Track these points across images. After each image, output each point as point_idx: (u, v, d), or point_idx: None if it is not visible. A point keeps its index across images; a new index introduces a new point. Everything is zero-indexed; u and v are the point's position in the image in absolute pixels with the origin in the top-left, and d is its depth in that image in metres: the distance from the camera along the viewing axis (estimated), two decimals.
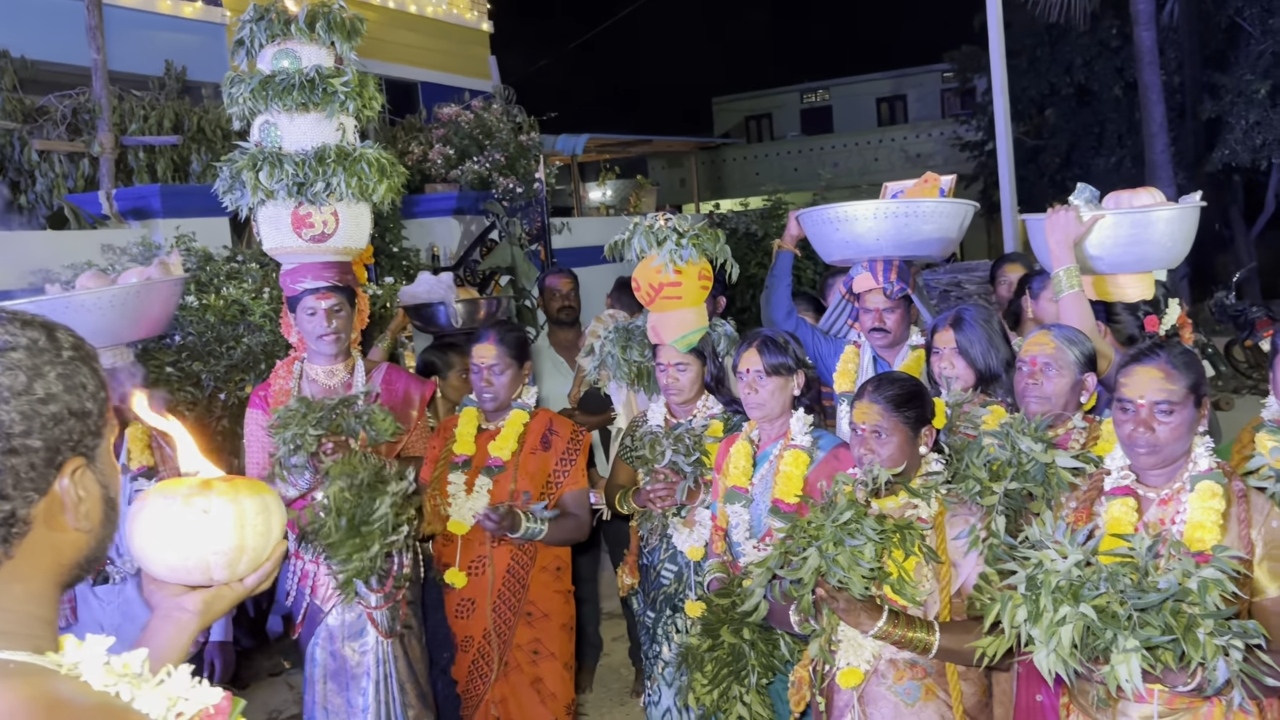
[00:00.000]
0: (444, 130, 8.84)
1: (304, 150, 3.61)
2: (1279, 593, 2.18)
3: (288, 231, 3.63)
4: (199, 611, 1.37)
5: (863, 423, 2.60)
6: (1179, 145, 17.43)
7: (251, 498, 1.35)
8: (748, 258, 9.57)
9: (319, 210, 3.60)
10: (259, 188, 3.55)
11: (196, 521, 1.30)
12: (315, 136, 3.64)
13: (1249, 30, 17.58)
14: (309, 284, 3.56)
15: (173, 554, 1.31)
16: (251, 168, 3.56)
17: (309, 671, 3.57)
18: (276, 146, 3.63)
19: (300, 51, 3.66)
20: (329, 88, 3.61)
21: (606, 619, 5.65)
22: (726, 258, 3.65)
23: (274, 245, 3.69)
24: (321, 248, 3.63)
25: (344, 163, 3.59)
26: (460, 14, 13.94)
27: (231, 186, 3.64)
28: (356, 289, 3.79)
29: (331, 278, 3.60)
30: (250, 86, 3.62)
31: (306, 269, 3.61)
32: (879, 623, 2.41)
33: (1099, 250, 3.32)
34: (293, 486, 3.42)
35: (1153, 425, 2.26)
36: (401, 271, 6.87)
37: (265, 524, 1.36)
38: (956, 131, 25.00)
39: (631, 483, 3.69)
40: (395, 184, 3.79)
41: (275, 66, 3.65)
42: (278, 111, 3.63)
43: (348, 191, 3.60)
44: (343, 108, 3.65)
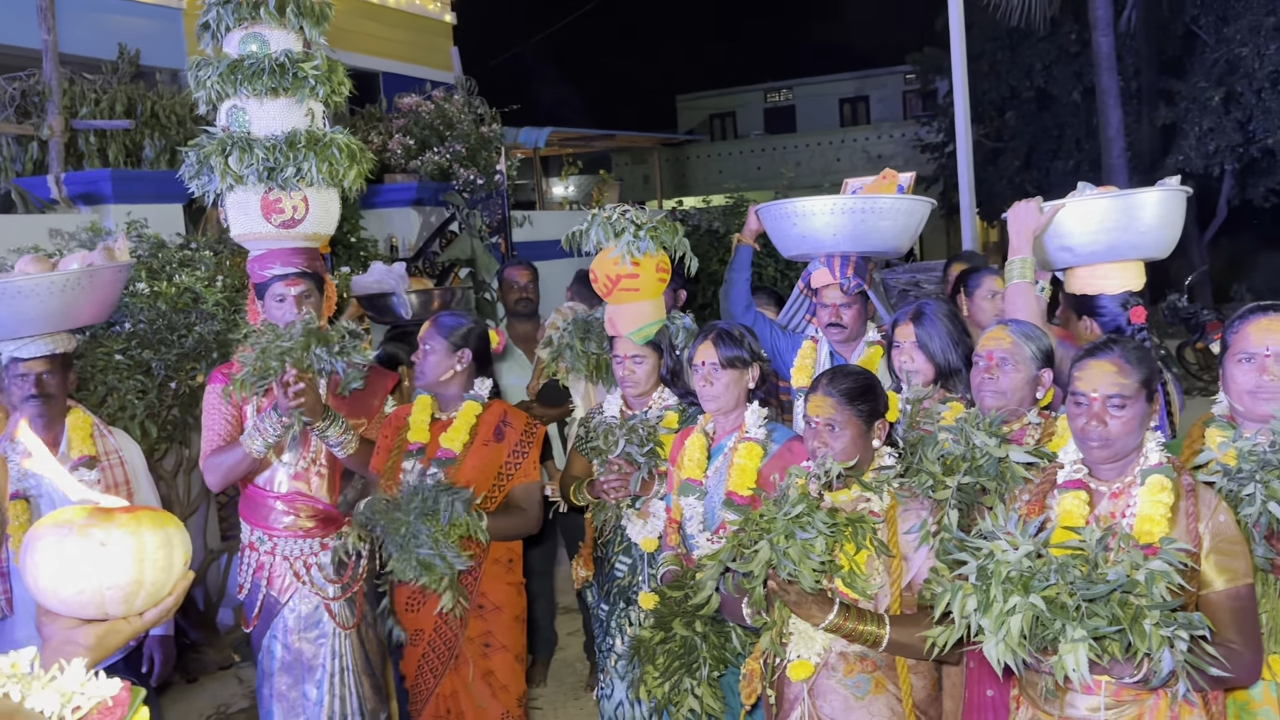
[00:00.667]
0: (404, 120, 8.75)
1: (273, 135, 3.57)
2: (1225, 586, 2.20)
3: (257, 217, 3.58)
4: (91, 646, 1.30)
5: (816, 415, 2.60)
6: (1135, 150, 17.69)
7: (154, 531, 1.29)
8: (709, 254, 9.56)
9: (289, 196, 3.56)
10: (228, 173, 3.49)
11: (92, 553, 1.25)
12: (285, 122, 3.60)
13: (1204, 38, 17.89)
14: (278, 270, 3.52)
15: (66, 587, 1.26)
16: (220, 153, 3.51)
17: (263, 664, 3.53)
18: (245, 131, 3.58)
19: (268, 36, 3.61)
20: (299, 72, 3.57)
21: (562, 613, 5.64)
22: (685, 251, 3.64)
23: (242, 231, 3.64)
24: (291, 233, 3.59)
25: (315, 148, 3.55)
26: (423, 4, 13.83)
27: (199, 172, 3.58)
28: (325, 275, 3.75)
29: (300, 264, 3.57)
30: (218, 70, 3.56)
31: (275, 255, 3.57)
32: (830, 615, 2.41)
33: (1089, 238, 3.24)
34: (260, 435, 3.32)
35: (1105, 419, 2.28)
36: (359, 262, 6.80)
37: (167, 558, 1.31)
38: (918, 133, 25.24)
39: (587, 474, 3.67)
40: (364, 170, 3.76)
41: (243, 50, 3.60)
42: (246, 96, 3.59)
43: (319, 177, 3.56)
44: (313, 93, 3.61)
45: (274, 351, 3.25)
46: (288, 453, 3.51)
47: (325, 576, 3.51)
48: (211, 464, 3.44)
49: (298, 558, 3.50)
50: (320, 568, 3.52)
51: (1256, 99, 16.67)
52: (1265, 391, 2.50)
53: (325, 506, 3.56)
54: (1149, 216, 3.20)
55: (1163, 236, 3.26)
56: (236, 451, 3.36)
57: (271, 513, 3.51)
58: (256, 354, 3.26)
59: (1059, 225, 3.25)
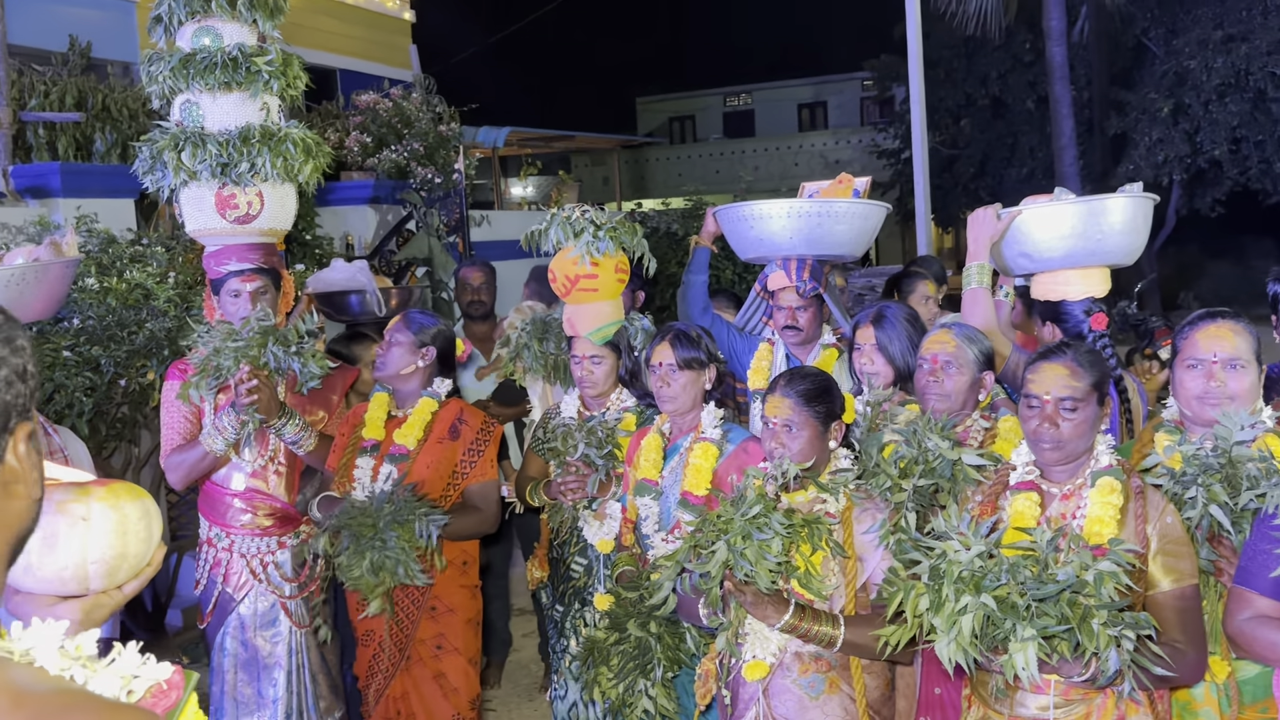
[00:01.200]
0: (362, 118, 8.70)
1: (227, 130, 3.52)
2: (1171, 586, 2.24)
3: (211, 213, 3.54)
4: (79, 622, 1.28)
5: (773, 416, 2.61)
6: (1087, 159, 17.98)
7: (132, 502, 1.28)
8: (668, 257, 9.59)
9: (243, 191, 3.53)
10: (182, 168, 3.45)
11: (75, 529, 1.23)
12: (239, 116, 3.56)
13: (1154, 50, 18.25)
14: (233, 266, 3.48)
15: (47, 565, 1.23)
16: (174, 148, 3.46)
17: (217, 661, 3.49)
18: (199, 126, 3.53)
19: (222, 29, 3.57)
20: (253, 66, 3.53)
21: (517, 615, 5.62)
22: (644, 251, 3.64)
23: (197, 227, 3.59)
24: (246, 229, 3.55)
25: (269, 143, 3.52)
26: (382, 2, 13.74)
27: (152, 167, 3.53)
28: (282, 271, 3.71)
29: (256, 259, 3.53)
30: (171, 65, 3.51)
31: (230, 251, 3.53)
32: (785, 616, 2.42)
33: (1054, 244, 3.21)
34: (218, 433, 3.29)
35: (1057, 421, 2.31)
36: (314, 259, 6.74)
37: (147, 529, 1.30)
38: (875, 139, 25.48)
39: (543, 475, 3.66)
40: (320, 164, 3.73)
41: (195, 44, 3.55)
42: (199, 90, 3.54)
43: (273, 172, 3.52)
44: (267, 87, 3.58)
45: (228, 350, 3.21)
46: (245, 450, 3.47)
47: (282, 575, 3.49)
48: (173, 462, 3.41)
49: (255, 555, 3.48)
50: (277, 566, 3.50)
51: (1204, 111, 17.02)
52: (1212, 397, 2.55)
53: (283, 505, 3.53)
54: (1115, 223, 3.17)
55: (1129, 243, 3.23)
56: (197, 450, 3.34)
57: (229, 510, 3.48)
58: (210, 352, 3.22)
59: (1023, 232, 3.23)
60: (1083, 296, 3.27)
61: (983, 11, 15.83)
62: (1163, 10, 17.77)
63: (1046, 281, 3.34)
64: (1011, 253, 3.31)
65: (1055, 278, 3.31)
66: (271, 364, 3.26)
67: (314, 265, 6.51)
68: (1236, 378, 2.55)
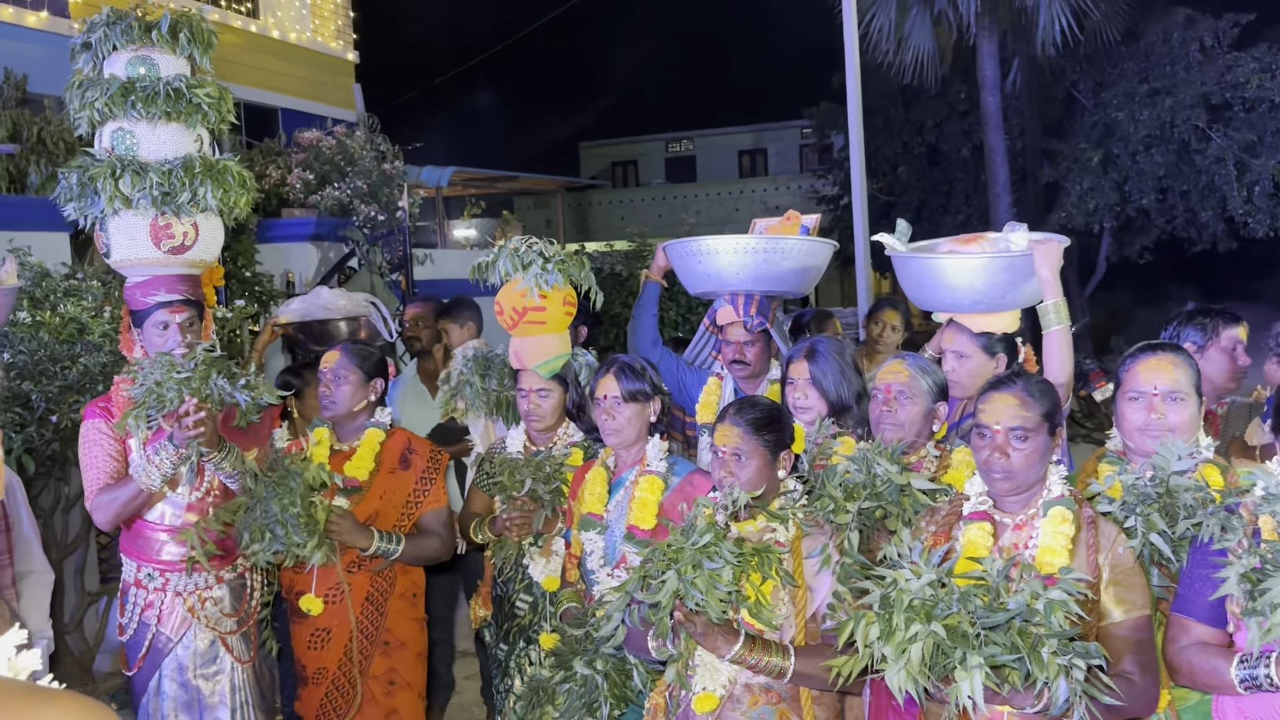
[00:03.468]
0: (304, 155, 8.63)
1: (167, 160, 3.48)
2: (1123, 617, 2.26)
3: (145, 242, 3.46)
4: None
5: (723, 445, 2.61)
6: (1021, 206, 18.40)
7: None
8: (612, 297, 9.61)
9: (180, 221, 3.46)
10: (117, 196, 3.38)
11: None
12: (176, 147, 3.51)
13: (1083, 102, 18.80)
14: (162, 297, 3.40)
15: None
16: (110, 175, 3.39)
17: (152, 707, 3.36)
18: (132, 154, 3.47)
19: (158, 59, 3.52)
20: (194, 98, 3.49)
21: (459, 657, 5.52)
22: (591, 285, 3.64)
23: (127, 257, 3.50)
24: (179, 259, 3.48)
25: (211, 174, 3.47)
26: (325, 42, 13.72)
27: (81, 194, 3.45)
28: (205, 305, 3.65)
29: (186, 291, 3.47)
30: (109, 92, 3.46)
31: (160, 282, 3.45)
32: (735, 646, 2.40)
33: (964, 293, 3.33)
34: (155, 469, 3.20)
35: (1008, 451, 2.33)
36: (254, 295, 6.65)
37: None
38: (814, 185, 25.86)
39: (487, 511, 3.62)
40: (251, 199, 3.69)
41: (130, 73, 3.50)
42: (136, 119, 3.48)
43: (213, 203, 3.48)
44: (205, 119, 3.54)
45: (171, 382, 3.14)
46: (182, 485, 3.39)
47: (222, 611, 3.39)
48: (101, 502, 3.29)
49: (191, 592, 3.37)
50: (215, 601, 3.40)
51: (1131, 161, 17.53)
52: (1153, 429, 2.60)
53: (221, 539, 3.44)
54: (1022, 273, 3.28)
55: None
56: (129, 487, 3.24)
57: (164, 546, 3.37)
58: (151, 385, 3.15)
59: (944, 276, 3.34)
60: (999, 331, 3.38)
61: (919, 61, 16.17)
62: (1091, 64, 18.33)
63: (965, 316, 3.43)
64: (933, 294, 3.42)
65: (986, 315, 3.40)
66: (215, 396, 3.20)
67: (254, 302, 6.42)
68: (1176, 410, 2.60)
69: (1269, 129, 16.61)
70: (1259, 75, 16.34)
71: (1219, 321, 3.42)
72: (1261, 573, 2.04)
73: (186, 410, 3.10)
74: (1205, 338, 3.40)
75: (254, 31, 12.37)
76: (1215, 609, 2.25)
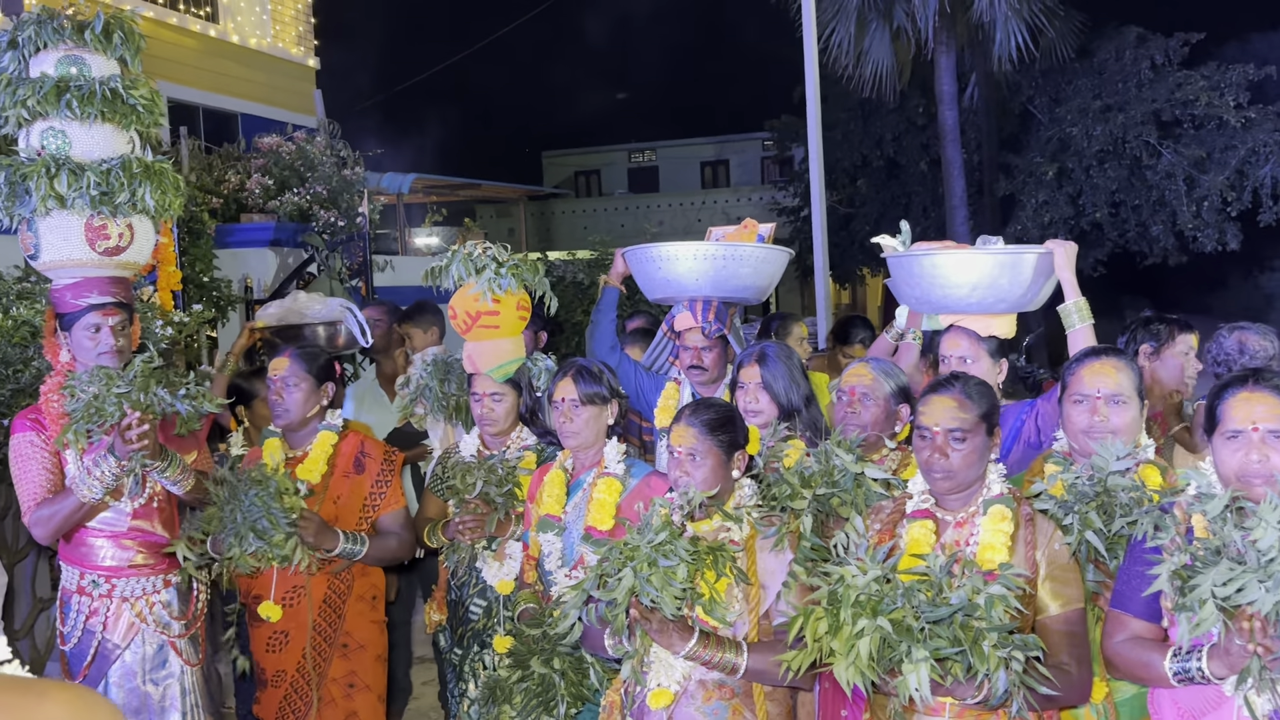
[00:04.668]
0: (264, 160, 8.59)
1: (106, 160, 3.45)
2: (1059, 610, 2.33)
3: (79, 243, 3.41)
4: None
5: (679, 445, 2.65)
6: (977, 219, 18.66)
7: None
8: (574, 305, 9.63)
9: (115, 222, 3.43)
10: (51, 195, 3.35)
11: None
12: (110, 148, 3.48)
13: (1039, 117, 19.11)
14: (95, 299, 3.36)
15: None
16: (45, 174, 3.36)
17: None
18: (64, 154, 3.45)
19: (90, 60, 3.50)
20: (131, 99, 3.48)
21: (418, 663, 5.51)
22: (546, 290, 3.66)
23: (58, 258, 3.45)
24: (113, 261, 3.45)
25: (149, 175, 3.45)
26: (286, 48, 13.65)
27: (11, 194, 3.40)
28: (134, 308, 3.63)
29: (119, 294, 3.42)
30: (43, 90, 3.43)
31: (92, 284, 3.40)
32: (690, 643, 2.44)
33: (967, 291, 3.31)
34: (97, 481, 3.17)
35: (947, 451, 2.40)
36: (211, 301, 6.61)
37: None
38: (775, 197, 26.03)
39: (442, 516, 3.62)
40: (182, 202, 3.68)
41: (61, 72, 3.47)
42: (69, 119, 3.45)
43: (151, 204, 3.45)
44: (140, 120, 3.52)
45: (111, 395, 3.11)
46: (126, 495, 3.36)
47: (170, 614, 3.37)
48: (40, 517, 3.23)
49: (139, 597, 3.35)
50: (165, 605, 3.38)
51: (1085, 175, 17.83)
52: (1097, 431, 2.68)
53: (167, 541, 3.42)
54: (1028, 273, 3.31)
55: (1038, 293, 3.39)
56: (69, 500, 3.19)
57: (113, 552, 3.35)
58: (89, 398, 3.11)
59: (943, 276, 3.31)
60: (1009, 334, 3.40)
61: (878, 75, 16.37)
62: (1046, 80, 18.63)
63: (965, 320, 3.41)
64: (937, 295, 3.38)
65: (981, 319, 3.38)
66: (157, 407, 3.18)
67: (211, 307, 6.37)
68: (1119, 412, 2.68)
69: (1217, 146, 16.97)
70: (1208, 93, 16.69)
71: (1174, 328, 3.53)
72: (1192, 570, 2.11)
73: (129, 424, 3.07)
74: (1160, 343, 3.50)
75: (213, 36, 12.28)
76: (1151, 604, 2.32)
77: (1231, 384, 2.30)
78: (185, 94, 11.00)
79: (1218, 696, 2.21)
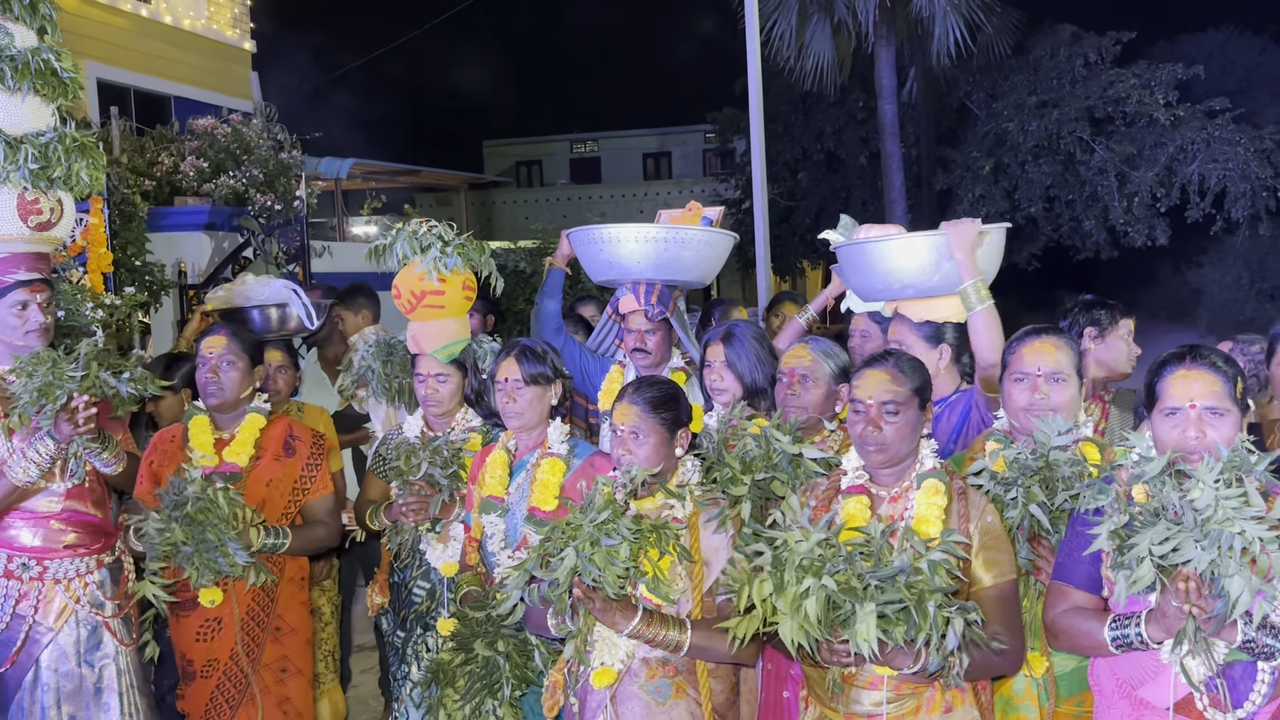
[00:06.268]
0: (198, 143, 8.40)
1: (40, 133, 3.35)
2: (992, 582, 2.37)
3: (11, 218, 3.32)
4: None
5: (621, 424, 2.64)
6: (916, 213, 18.90)
7: None
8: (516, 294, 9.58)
9: (47, 197, 3.34)
10: None
11: None
12: (37, 121, 3.39)
13: (976, 112, 19.42)
14: (22, 275, 3.27)
15: None
16: None
17: (29, 700, 3.23)
18: None
19: (14, 30, 3.40)
20: (63, 72, 3.38)
21: (356, 651, 5.44)
22: (492, 270, 3.63)
23: None
24: (43, 237, 3.36)
25: (79, 150, 3.36)
26: (221, 30, 13.35)
27: None
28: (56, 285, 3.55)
29: (44, 270, 3.35)
30: None
31: (19, 260, 3.31)
32: (633, 621, 2.44)
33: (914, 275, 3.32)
34: (32, 464, 3.10)
35: (880, 424, 2.42)
36: (144, 285, 6.45)
37: None
38: (717, 189, 26.12)
39: (384, 498, 3.59)
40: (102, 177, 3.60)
41: None
42: None
43: (86, 179, 3.37)
44: (66, 93, 3.43)
45: (64, 377, 3.05)
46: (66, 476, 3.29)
47: (104, 594, 3.30)
48: None
49: (72, 578, 3.27)
50: (99, 585, 3.31)
51: (1021, 170, 18.17)
52: (1037, 408, 2.72)
53: (99, 521, 3.35)
54: (984, 254, 3.33)
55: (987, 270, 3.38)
56: (1, 483, 3.13)
57: (46, 533, 3.26)
58: (41, 384, 3.05)
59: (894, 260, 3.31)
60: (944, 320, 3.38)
61: (819, 69, 16.48)
62: (983, 75, 18.92)
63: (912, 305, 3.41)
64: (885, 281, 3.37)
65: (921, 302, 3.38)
66: (98, 389, 3.12)
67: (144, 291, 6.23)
68: (1058, 390, 2.73)
69: (1147, 143, 17.38)
70: (1138, 91, 17.08)
71: (1115, 312, 3.61)
72: (1131, 530, 2.15)
73: (76, 407, 3.03)
74: (1103, 327, 3.58)
75: (145, 16, 11.97)
76: (1092, 576, 2.37)
77: (1169, 361, 2.34)
78: (116, 75, 10.72)
79: (1155, 666, 2.26)
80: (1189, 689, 2.20)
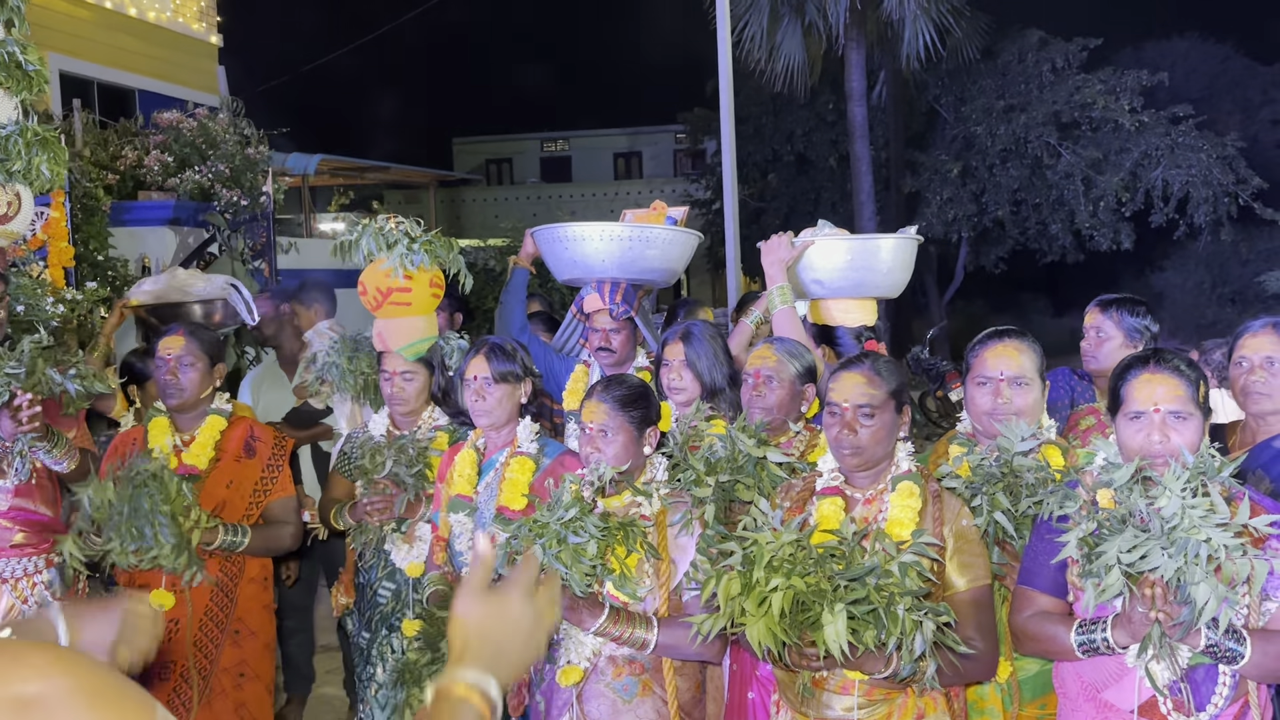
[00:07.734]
0: (163, 137, 8.29)
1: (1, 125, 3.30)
2: (966, 586, 2.36)
3: None
4: None
5: (590, 422, 2.63)
6: (884, 215, 18.99)
7: None
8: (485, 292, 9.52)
9: (4, 190, 3.29)
10: None
11: None
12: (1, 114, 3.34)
13: (944, 116, 19.54)
14: None
15: None
16: None
17: None
18: None
19: None
20: (27, 65, 3.33)
21: (320, 651, 5.39)
22: (460, 268, 3.60)
23: None
24: (2, 230, 3.32)
25: (43, 144, 3.31)
26: (187, 23, 13.19)
27: None
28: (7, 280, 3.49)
29: (3, 265, 3.30)
30: None
31: None
32: (600, 619, 2.43)
33: (828, 275, 3.66)
34: None
35: (856, 427, 2.41)
36: (106, 280, 6.36)
37: None
38: (687, 190, 26.13)
39: (349, 497, 3.55)
40: (63, 172, 3.55)
41: None
42: None
43: (48, 174, 3.31)
44: (30, 87, 3.38)
45: (1, 374, 3.00)
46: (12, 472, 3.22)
47: (53, 594, 3.24)
48: None
49: (20, 578, 3.21)
50: (47, 585, 3.25)
51: (988, 174, 18.31)
52: (999, 413, 2.72)
53: (49, 520, 3.29)
54: (886, 259, 3.69)
55: (896, 278, 3.76)
56: None
57: None
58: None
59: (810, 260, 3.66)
60: (857, 324, 3.73)
61: (790, 70, 16.51)
62: (952, 79, 19.04)
63: (827, 309, 3.77)
64: (806, 279, 3.73)
65: (839, 305, 3.74)
66: (45, 387, 3.07)
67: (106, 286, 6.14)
68: (1021, 394, 2.73)
69: (1113, 148, 17.55)
70: (1104, 97, 17.24)
71: None
72: (1098, 537, 2.16)
73: (19, 405, 2.98)
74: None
75: (109, 8, 11.80)
76: (1057, 581, 2.36)
77: (1133, 365, 2.35)
78: (79, 67, 10.56)
79: (1119, 669, 2.26)
80: (1153, 692, 2.21)
